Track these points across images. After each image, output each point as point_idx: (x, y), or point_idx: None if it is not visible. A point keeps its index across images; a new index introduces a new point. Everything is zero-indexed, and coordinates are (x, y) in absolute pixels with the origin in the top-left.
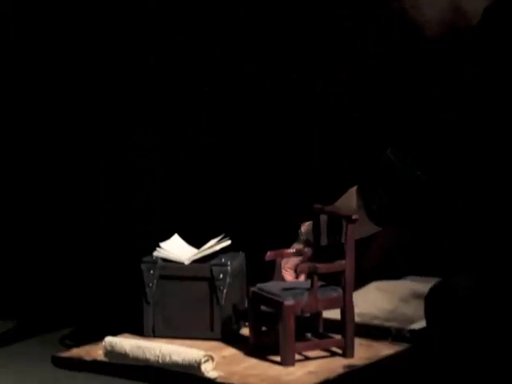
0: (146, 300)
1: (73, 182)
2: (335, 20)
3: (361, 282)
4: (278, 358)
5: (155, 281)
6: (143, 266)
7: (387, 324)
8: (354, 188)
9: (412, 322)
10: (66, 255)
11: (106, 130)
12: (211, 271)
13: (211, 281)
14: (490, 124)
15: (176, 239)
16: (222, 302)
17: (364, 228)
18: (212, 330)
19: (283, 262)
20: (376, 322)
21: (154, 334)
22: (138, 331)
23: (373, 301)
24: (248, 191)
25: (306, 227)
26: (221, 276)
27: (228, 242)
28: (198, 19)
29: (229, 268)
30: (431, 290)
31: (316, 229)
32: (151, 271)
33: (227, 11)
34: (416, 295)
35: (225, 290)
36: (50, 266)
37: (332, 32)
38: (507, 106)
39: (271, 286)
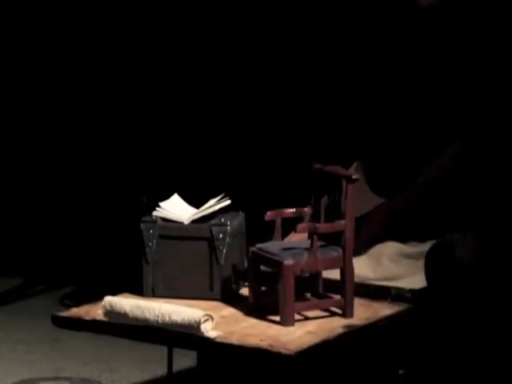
0: (145, 260)
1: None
2: (335, 20)
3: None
4: (277, 318)
5: (155, 240)
6: (143, 226)
7: (381, 284)
8: (355, 163)
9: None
10: (67, 215)
11: (105, 129)
12: (211, 231)
13: (211, 241)
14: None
15: (176, 199)
16: (222, 262)
17: (366, 201)
18: (211, 289)
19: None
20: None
21: (154, 294)
22: (138, 291)
23: (362, 263)
24: (248, 151)
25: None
26: (220, 236)
27: (228, 202)
28: (198, 19)
29: (228, 228)
30: (431, 248)
31: (316, 188)
32: (151, 231)
33: (227, 11)
34: (405, 255)
35: (224, 250)
36: (51, 226)
37: (332, 32)
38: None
39: (271, 246)
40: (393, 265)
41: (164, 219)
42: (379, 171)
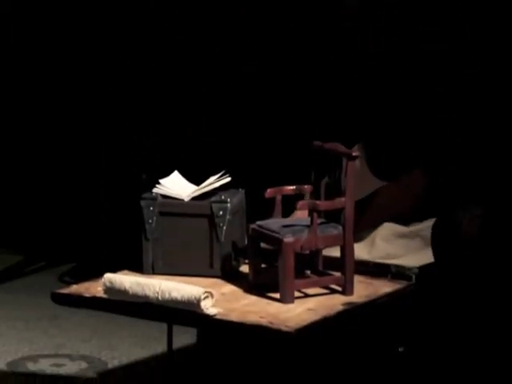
0: (145, 237)
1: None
2: (335, 20)
3: None
4: (277, 295)
5: (155, 218)
6: (143, 203)
7: (381, 262)
8: (356, 146)
9: (399, 259)
10: (67, 193)
11: (106, 112)
12: (211, 208)
13: (211, 218)
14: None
15: (176, 176)
16: (222, 239)
17: (367, 185)
18: (211, 267)
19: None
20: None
21: (154, 271)
22: (138, 268)
23: (357, 246)
24: (249, 127)
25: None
26: (220, 213)
27: (228, 179)
28: (198, 19)
29: (228, 205)
30: (436, 223)
31: (316, 167)
32: (151, 208)
33: (227, 11)
34: (398, 235)
35: (224, 227)
36: (51, 204)
37: (332, 32)
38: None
39: (271, 224)
40: (387, 245)
41: (164, 196)
42: (380, 154)
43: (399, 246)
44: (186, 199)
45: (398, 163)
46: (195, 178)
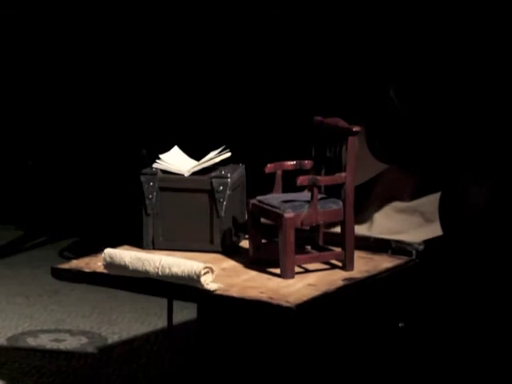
0: (145, 212)
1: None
2: (335, 20)
3: None
4: (277, 271)
5: (155, 193)
6: (143, 178)
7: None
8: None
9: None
10: (68, 168)
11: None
12: (211, 183)
13: (211, 193)
14: None
15: (176, 151)
16: (222, 215)
17: (367, 168)
18: (212, 242)
19: None
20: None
21: (154, 247)
22: (138, 243)
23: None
24: (249, 101)
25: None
26: (221, 188)
27: (228, 154)
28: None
29: (229, 180)
30: (444, 192)
31: (317, 142)
32: (151, 183)
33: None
34: (396, 210)
35: (224, 203)
36: (52, 178)
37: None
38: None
39: (271, 199)
40: (386, 220)
41: (164, 171)
42: (382, 136)
43: (398, 221)
44: (186, 174)
45: (398, 146)
46: (195, 153)
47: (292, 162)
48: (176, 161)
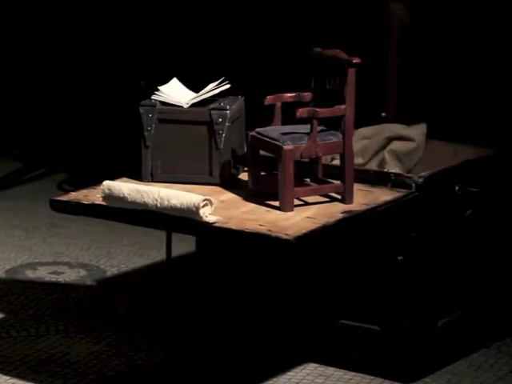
0: (144, 144)
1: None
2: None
3: None
4: (276, 203)
5: (154, 125)
6: (142, 110)
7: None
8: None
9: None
10: (66, 99)
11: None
12: (210, 115)
13: (210, 125)
14: None
15: (175, 83)
16: (221, 147)
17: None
18: (211, 174)
19: None
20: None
21: (153, 179)
22: (137, 176)
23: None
24: (248, 34)
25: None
26: (220, 120)
27: (227, 86)
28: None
29: (228, 112)
30: None
31: (316, 74)
32: (150, 115)
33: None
34: (362, 136)
35: (224, 135)
36: (50, 110)
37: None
38: None
39: (270, 131)
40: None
41: (163, 103)
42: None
43: (361, 146)
44: (185, 106)
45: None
46: (194, 85)
47: (291, 94)
48: (175, 92)
